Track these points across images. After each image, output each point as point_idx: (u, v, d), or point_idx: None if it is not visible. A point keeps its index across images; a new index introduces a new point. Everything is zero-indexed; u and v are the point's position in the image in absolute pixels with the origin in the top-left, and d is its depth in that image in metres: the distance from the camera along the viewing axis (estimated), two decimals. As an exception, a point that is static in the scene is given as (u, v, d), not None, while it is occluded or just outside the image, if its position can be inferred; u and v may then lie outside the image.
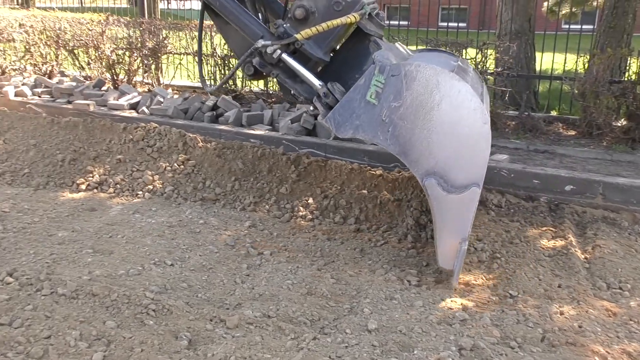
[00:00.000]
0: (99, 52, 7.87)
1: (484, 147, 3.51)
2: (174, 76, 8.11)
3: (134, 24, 7.85)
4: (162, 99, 6.89)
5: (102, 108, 6.75)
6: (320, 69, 4.24)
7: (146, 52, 7.77)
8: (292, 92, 4.14)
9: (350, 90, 3.68)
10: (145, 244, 4.00)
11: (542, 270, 3.75)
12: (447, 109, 3.49)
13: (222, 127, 6.15)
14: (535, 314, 3.24)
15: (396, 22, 7.95)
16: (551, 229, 4.36)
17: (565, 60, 7.09)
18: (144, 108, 6.69)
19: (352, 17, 3.89)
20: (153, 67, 7.95)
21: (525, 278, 3.64)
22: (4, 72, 8.52)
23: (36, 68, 8.50)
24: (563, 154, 5.62)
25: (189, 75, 8.15)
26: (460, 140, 3.50)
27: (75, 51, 8.21)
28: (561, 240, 4.16)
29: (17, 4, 14.78)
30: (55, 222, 4.34)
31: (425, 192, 3.56)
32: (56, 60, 8.46)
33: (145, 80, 8.09)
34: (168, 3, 15.48)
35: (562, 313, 3.26)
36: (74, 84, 7.50)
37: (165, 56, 8.10)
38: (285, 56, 3.97)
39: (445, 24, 8.23)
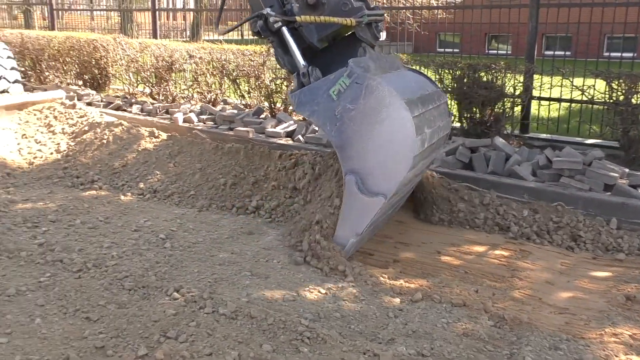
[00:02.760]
0: (259, 82, 8.32)
1: (402, 169, 4.05)
2: (328, 106, 8.34)
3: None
4: (316, 128, 7.10)
5: (261, 135, 7.10)
6: (313, 53, 4.74)
7: (303, 82, 8.06)
8: (280, 60, 4.78)
9: (320, 80, 4.33)
10: (300, 271, 4.10)
11: None
12: (387, 128, 4.06)
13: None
14: None
15: (555, 53, 7.58)
16: None
17: None
18: (300, 136, 6.93)
19: (349, 21, 4.43)
20: (309, 96, 8.24)
21: None
22: (174, 100, 9.28)
23: (202, 96, 9.16)
24: None
25: (342, 105, 8.34)
26: (387, 156, 4.08)
27: (238, 80, 8.74)
28: None
29: (187, 37, 16.11)
30: (217, 243, 4.59)
31: (344, 185, 4.21)
32: (220, 89, 9.06)
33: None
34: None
35: None
36: (235, 111, 7.98)
37: (320, 86, 8.35)
38: (284, 29, 4.57)
39: (610, 53, 7.71)
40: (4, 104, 7.33)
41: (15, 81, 8.67)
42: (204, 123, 7.79)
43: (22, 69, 10.30)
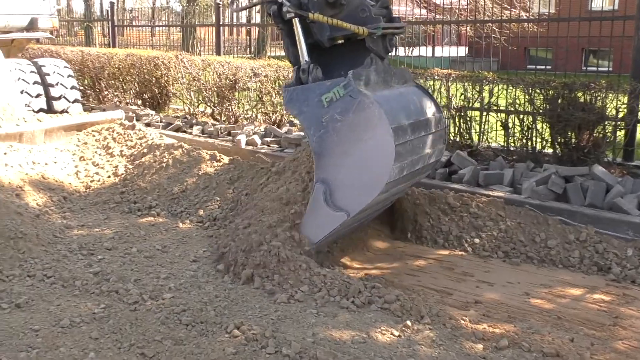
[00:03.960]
0: (329, 102, 8.41)
1: (372, 192, 4.46)
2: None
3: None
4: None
5: (329, 160, 7.16)
6: (321, 49, 5.04)
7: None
8: (285, 50, 5.11)
9: (316, 83, 4.66)
10: (371, 310, 4.09)
11: None
12: (368, 149, 4.44)
13: (456, 185, 6.16)
14: None
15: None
16: None
17: None
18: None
19: (361, 30, 4.66)
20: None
21: None
22: (237, 121, 9.52)
23: (266, 117, 9.35)
24: None
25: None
26: (361, 176, 4.48)
27: (305, 100, 8.86)
28: None
29: (252, 54, 16.52)
30: (280, 277, 4.64)
31: (312, 191, 4.65)
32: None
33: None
34: (396, 50, 16.14)
35: None
36: (302, 133, 8.09)
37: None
38: (295, 21, 4.83)
39: None
40: (63, 125, 7.73)
41: (75, 101, 9.13)
42: (268, 146, 7.95)
43: (81, 87, 10.82)
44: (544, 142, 7.04)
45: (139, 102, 11.22)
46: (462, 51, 16.04)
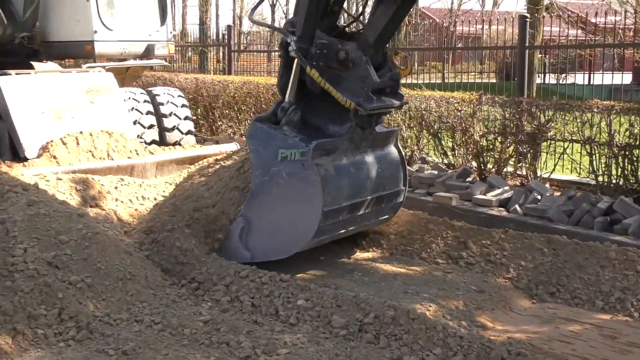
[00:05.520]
0: (467, 137, 8.33)
1: (281, 253, 5.46)
2: (554, 169, 8.10)
3: (511, 104, 8.14)
4: (539, 196, 6.94)
5: (466, 203, 7.08)
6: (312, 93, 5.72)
7: (522, 137, 7.95)
8: (278, 77, 5.91)
9: (283, 134, 5.49)
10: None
11: None
12: (294, 218, 5.40)
13: (619, 237, 5.91)
14: None
15: None
16: None
17: None
18: (517, 206, 6.81)
19: (348, 103, 5.37)
20: (529, 156, 8.07)
21: None
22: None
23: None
24: None
25: (574, 169, 8.05)
26: (278, 235, 5.48)
27: (440, 134, 8.83)
28: None
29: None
30: (409, 336, 4.60)
31: (235, 224, 5.62)
32: (417, 145, 9.21)
33: (518, 172, 8.25)
34: (544, 76, 15.70)
35: None
36: (435, 172, 8.06)
37: (545, 143, 8.17)
38: (296, 60, 5.55)
39: None
40: (175, 158, 8.12)
41: (188, 132, 9.56)
42: (397, 185, 7.95)
43: (194, 117, 11.30)
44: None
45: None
46: (627, 78, 15.42)
